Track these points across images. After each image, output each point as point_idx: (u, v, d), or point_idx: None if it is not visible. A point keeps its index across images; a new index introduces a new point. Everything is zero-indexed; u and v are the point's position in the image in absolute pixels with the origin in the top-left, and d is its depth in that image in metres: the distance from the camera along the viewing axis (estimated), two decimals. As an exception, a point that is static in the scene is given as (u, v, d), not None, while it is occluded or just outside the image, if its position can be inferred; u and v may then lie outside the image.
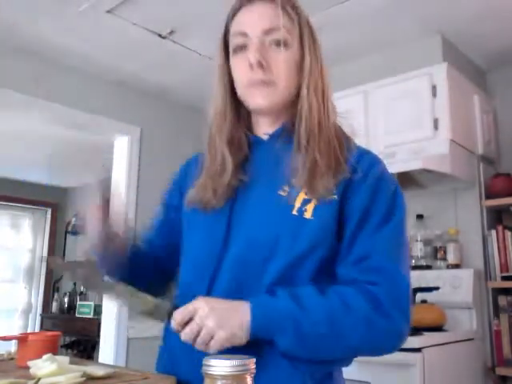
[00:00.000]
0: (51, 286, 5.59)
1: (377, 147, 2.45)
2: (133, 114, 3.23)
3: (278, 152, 0.89)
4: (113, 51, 2.76)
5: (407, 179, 2.45)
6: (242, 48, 0.88)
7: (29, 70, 2.79)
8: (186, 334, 0.76)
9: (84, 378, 0.73)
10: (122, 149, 3.24)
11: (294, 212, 0.83)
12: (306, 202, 0.83)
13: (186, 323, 0.76)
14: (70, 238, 5.59)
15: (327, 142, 0.86)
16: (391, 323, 0.80)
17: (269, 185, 0.87)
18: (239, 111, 0.95)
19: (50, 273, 5.70)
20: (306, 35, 0.89)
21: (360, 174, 0.85)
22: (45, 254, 5.77)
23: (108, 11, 2.33)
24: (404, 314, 0.82)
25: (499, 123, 2.75)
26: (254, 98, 0.88)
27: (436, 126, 2.30)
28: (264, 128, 0.94)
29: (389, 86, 2.47)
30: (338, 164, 0.85)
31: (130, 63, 2.90)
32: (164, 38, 2.57)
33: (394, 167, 2.28)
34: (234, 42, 0.90)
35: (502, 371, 2.23)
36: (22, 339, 0.93)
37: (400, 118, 2.40)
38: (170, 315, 0.79)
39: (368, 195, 0.84)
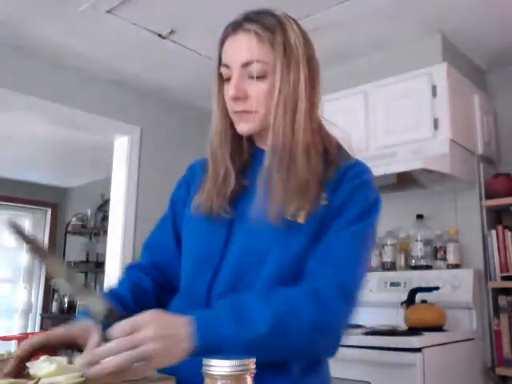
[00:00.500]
0: (51, 286, 5.59)
1: (377, 147, 2.46)
2: (133, 114, 3.23)
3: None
4: (113, 51, 2.76)
5: (407, 179, 2.46)
6: (228, 79, 0.94)
7: (29, 70, 2.79)
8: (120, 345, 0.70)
9: (84, 378, 0.73)
10: (122, 149, 3.24)
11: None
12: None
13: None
14: (69, 237, 5.59)
15: (289, 163, 0.89)
16: (332, 316, 0.81)
17: (265, 193, 0.90)
18: None
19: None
20: (279, 62, 0.91)
21: (348, 177, 0.91)
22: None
23: (108, 11, 2.33)
24: (346, 304, 0.83)
25: (499, 123, 2.75)
26: (238, 125, 0.95)
27: (436, 126, 2.30)
28: (264, 143, 0.97)
29: (389, 85, 2.47)
30: (299, 187, 0.88)
31: (130, 63, 2.90)
32: (164, 38, 2.57)
33: (394, 167, 2.29)
34: (222, 72, 0.95)
35: (501, 371, 2.23)
36: (22, 339, 0.93)
37: (400, 118, 2.40)
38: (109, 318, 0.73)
39: (346, 194, 0.89)
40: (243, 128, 0.95)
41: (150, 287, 1.02)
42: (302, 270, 0.86)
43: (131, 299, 0.97)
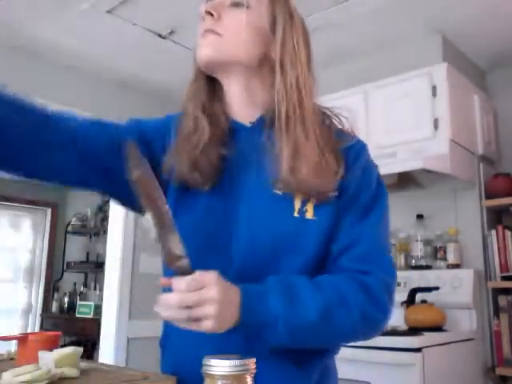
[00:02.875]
0: (51, 286, 5.59)
1: (377, 147, 2.46)
2: (133, 114, 3.21)
3: (263, 141, 0.83)
4: (113, 51, 2.76)
5: (407, 179, 2.46)
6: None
7: (29, 70, 2.79)
8: (182, 300, 0.66)
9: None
10: (121, 149, 3.24)
11: (296, 214, 0.81)
12: (305, 201, 0.81)
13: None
14: (70, 237, 5.59)
15: (311, 123, 0.82)
16: (382, 312, 0.80)
17: (260, 179, 0.82)
18: (214, 89, 0.90)
19: (49, 273, 5.70)
20: (278, 8, 0.85)
21: (352, 156, 0.85)
22: (45, 253, 5.77)
23: (108, 11, 2.33)
24: (391, 301, 0.82)
25: (499, 123, 2.75)
26: (200, 49, 0.84)
27: (436, 126, 2.30)
28: (244, 112, 0.88)
29: (389, 85, 2.47)
30: (328, 147, 0.81)
31: (130, 63, 2.90)
32: (164, 38, 2.57)
33: (394, 167, 2.29)
34: (200, 10, 0.87)
35: (501, 371, 2.23)
36: (22, 339, 0.93)
37: (400, 118, 2.40)
38: None
39: (357, 178, 0.84)
40: (204, 51, 0.83)
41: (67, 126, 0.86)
42: (317, 266, 0.82)
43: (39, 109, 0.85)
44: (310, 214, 0.81)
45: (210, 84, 0.90)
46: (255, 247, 0.81)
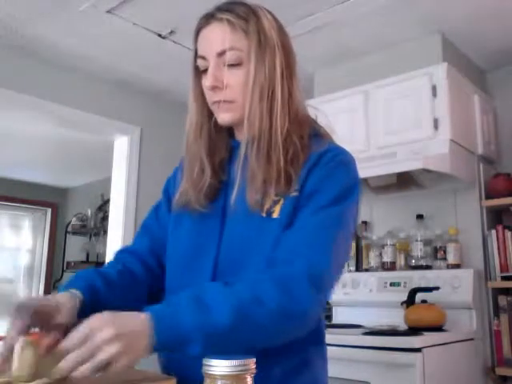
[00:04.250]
0: (51, 286, 5.59)
1: (377, 147, 2.46)
2: (133, 113, 3.23)
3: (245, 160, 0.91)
4: (113, 51, 2.76)
5: (407, 179, 2.46)
6: (205, 71, 0.93)
7: (29, 70, 2.79)
8: (76, 355, 0.66)
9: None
10: (121, 149, 3.24)
11: (263, 214, 0.86)
12: (275, 202, 0.87)
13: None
14: (70, 238, 5.59)
15: (268, 151, 0.88)
16: (300, 303, 0.77)
17: (244, 188, 0.89)
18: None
19: (49, 273, 5.70)
20: (254, 48, 0.90)
21: (321, 163, 0.88)
22: (45, 253, 5.78)
23: (108, 11, 2.33)
24: (315, 292, 0.78)
25: (499, 123, 2.75)
26: (218, 116, 0.94)
27: (436, 126, 2.30)
28: (240, 132, 0.96)
29: (389, 85, 2.47)
30: (278, 175, 0.86)
31: (130, 63, 2.90)
32: (164, 38, 2.57)
33: (394, 167, 2.29)
34: (198, 64, 0.94)
35: (501, 371, 2.23)
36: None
37: (400, 118, 2.40)
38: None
39: (319, 179, 0.87)
40: (224, 118, 0.93)
41: (141, 273, 0.98)
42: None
43: (116, 278, 0.94)
44: (275, 214, 0.86)
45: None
46: (231, 249, 0.88)
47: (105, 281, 0.91)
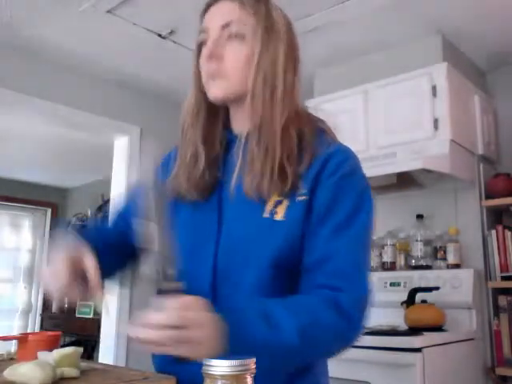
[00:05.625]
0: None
1: (377, 147, 2.46)
2: (133, 113, 3.23)
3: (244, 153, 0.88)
4: (113, 51, 2.76)
5: (407, 179, 2.46)
6: (204, 43, 0.90)
7: (29, 69, 2.79)
8: (163, 336, 0.64)
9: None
10: (121, 149, 3.24)
11: (265, 215, 0.83)
12: (277, 203, 0.84)
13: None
14: (69, 238, 5.58)
15: (268, 142, 0.84)
16: (354, 329, 0.81)
17: (238, 187, 0.86)
18: (216, 110, 0.95)
19: (50, 273, 5.69)
20: (260, 29, 0.87)
21: (329, 169, 0.84)
22: (45, 254, 5.77)
23: (108, 11, 2.33)
24: (363, 317, 0.81)
25: (499, 123, 2.75)
26: (210, 90, 0.90)
27: (436, 126, 2.30)
28: (240, 123, 0.93)
29: (389, 85, 2.47)
30: (273, 166, 0.83)
31: (130, 63, 2.90)
32: (164, 38, 2.57)
33: (394, 167, 2.29)
34: (198, 39, 0.92)
35: (501, 371, 2.23)
36: (22, 339, 0.93)
37: (400, 118, 2.40)
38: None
39: (332, 192, 0.83)
40: (216, 94, 0.89)
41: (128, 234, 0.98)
42: (285, 268, 0.83)
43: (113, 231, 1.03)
44: (279, 216, 0.83)
45: (212, 106, 0.94)
46: (229, 249, 0.85)
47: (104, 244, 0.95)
